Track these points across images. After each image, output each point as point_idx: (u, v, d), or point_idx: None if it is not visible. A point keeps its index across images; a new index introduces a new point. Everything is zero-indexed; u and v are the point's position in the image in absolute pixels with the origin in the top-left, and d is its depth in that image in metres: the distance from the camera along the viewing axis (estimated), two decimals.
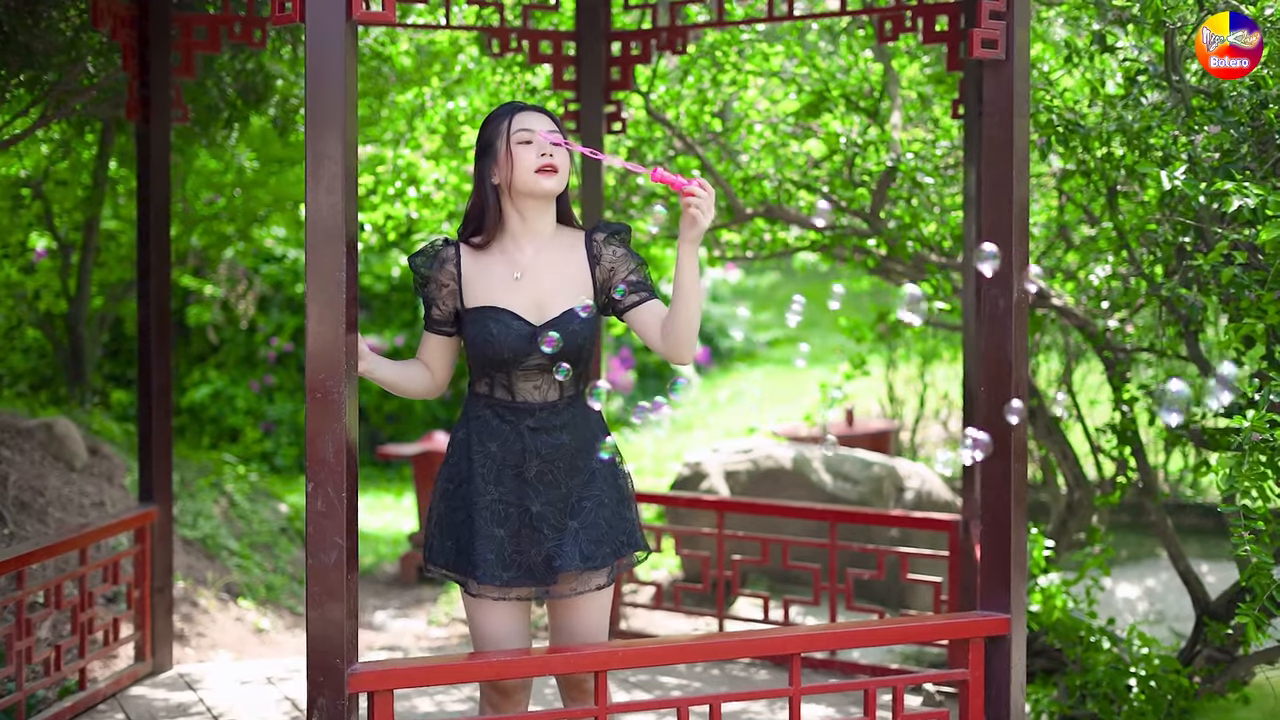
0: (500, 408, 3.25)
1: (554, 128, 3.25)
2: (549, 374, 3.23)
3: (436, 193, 6.29)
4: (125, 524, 4.77)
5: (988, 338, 3.46)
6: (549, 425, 3.23)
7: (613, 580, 3.27)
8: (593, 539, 3.20)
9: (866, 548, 5.08)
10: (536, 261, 3.26)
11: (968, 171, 4.72)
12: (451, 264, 3.27)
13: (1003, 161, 3.42)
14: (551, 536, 3.20)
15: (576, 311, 3.21)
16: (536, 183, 3.20)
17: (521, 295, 3.23)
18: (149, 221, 4.91)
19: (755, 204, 5.74)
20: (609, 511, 3.25)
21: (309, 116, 2.90)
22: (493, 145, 3.24)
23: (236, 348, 11.10)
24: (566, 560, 3.17)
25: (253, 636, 6.26)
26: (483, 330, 3.20)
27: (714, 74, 6.02)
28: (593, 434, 3.28)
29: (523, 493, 3.22)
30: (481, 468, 3.24)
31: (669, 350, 3.19)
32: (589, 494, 3.23)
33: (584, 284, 3.26)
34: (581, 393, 3.29)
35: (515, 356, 3.19)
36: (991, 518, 3.47)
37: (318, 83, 2.89)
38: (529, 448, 3.21)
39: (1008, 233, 3.42)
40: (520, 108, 3.26)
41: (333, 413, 2.90)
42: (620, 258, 3.28)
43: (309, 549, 2.94)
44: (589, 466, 3.25)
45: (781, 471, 6.79)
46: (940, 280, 5.51)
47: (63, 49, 5.16)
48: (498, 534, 3.20)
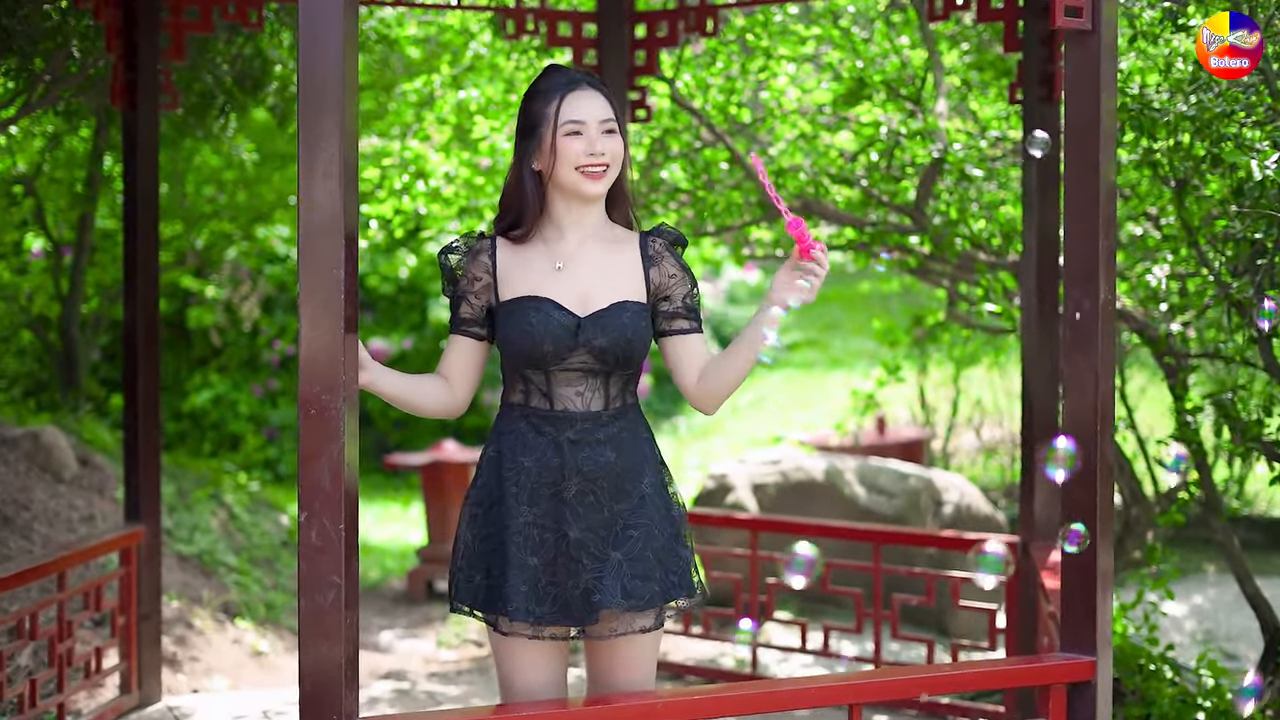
0: (537, 418, 2.83)
1: (610, 115, 2.83)
2: (593, 377, 2.82)
3: (446, 187, 5.89)
4: (108, 545, 4.39)
5: (1070, 345, 3.06)
6: (592, 438, 2.81)
7: (661, 624, 2.84)
8: (638, 574, 2.78)
9: (914, 571, 4.68)
10: (581, 252, 2.86)
11: (1027, 162, 4.31)
12: (486, 255, 2.87)
13: (1089, 143, 3.02)
14: (591, 567, 2.78)
15: (627, 305, 2.81)
16: (579, 184, 2.80)
17: (564, 286, 2.83)
18: (136, 215, 4.52)
19: (789, 199, 5.34)
20: (659, 545, 2.82)
21: (302, 92, 2.51)
22: (536, 129, 2.82)
23: (239, 351, 10.73)
24: (607, 596, 2.75)
25: (250, 660, 5.87)
26: (521, 321, 2.79)
27: (743, 61, 5.62)
28: (642, 454, 2.86)
29: (560, 515, 2.80)
30: (514, 486, 2.82)
31: (701, 396, 2.86)
32: (636, 522, 2.81)
33: (635, 282, 2.86)
34: (630, 405, 2.89)
35: (556, 351, 2.78)
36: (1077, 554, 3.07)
37: (312, 51, 2.50)
38: (568, 463, 2.80)
39: (1093, 223, 3.03)
40: (574, 84, 2.83)
41: (330, 431, 2.51)
42: (679, 271, 2.89)
43: (302, 587, 2.55)
44: (638, 490, 2.83)
45: (812, 484, 6.39)
46: (990, 281, 5.11)
47: (48, 34, 4.80)
48: (531, 563, 2.79)
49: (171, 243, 9.01)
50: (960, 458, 8.70)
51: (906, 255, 5.51)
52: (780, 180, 5.40)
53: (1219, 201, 4.72)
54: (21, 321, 8.18)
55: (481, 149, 5.91)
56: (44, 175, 7.45)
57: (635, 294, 2.85)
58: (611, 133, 2.82)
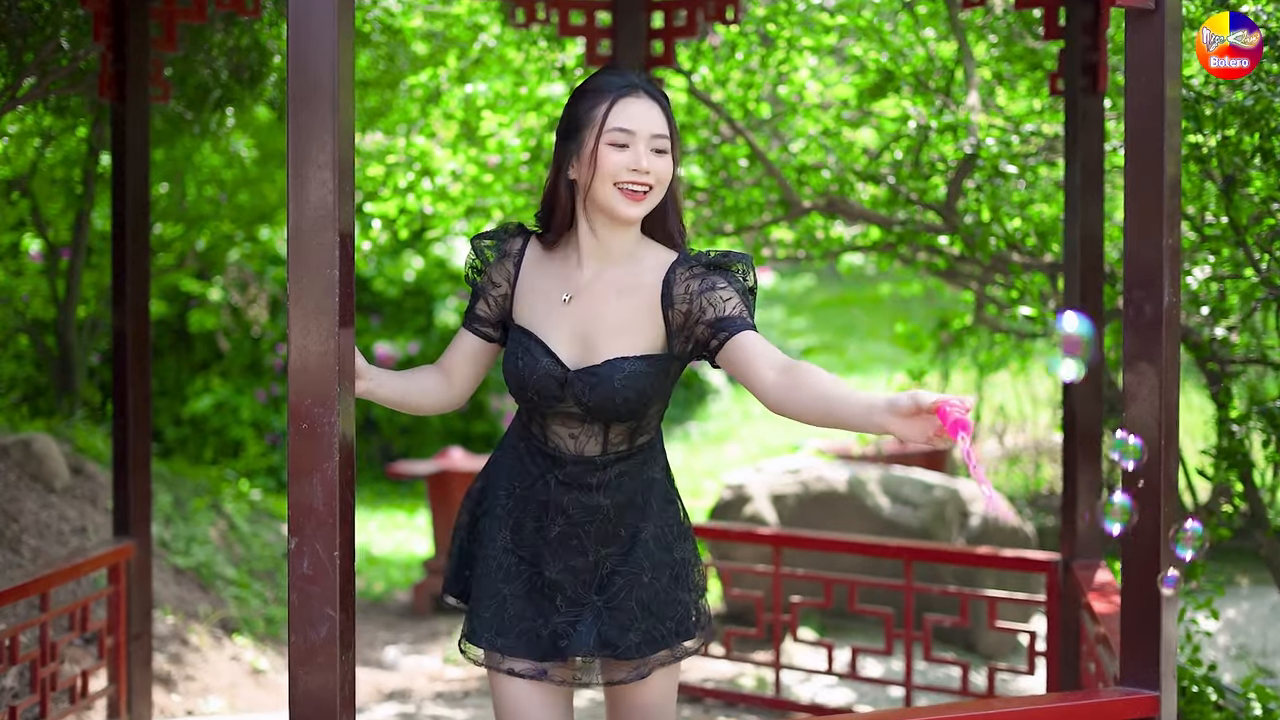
0: (533, 446, 2.60)
1: (664, 132, 2.50)
2: (589, 424, 2.53)
3: (453, 185, 5.64)
4: (95, 562, 4.14)
5: (1132, 352, 2.81)
6: (582, 482, 2.55)
7: (643, 676, 2.56)
8: (619, 623, 2.52)
9: (948, 590, 4.42)
10: (595, 286, 2.54)
11: (1071, 157, 4.06)
12: (512, 261, 2.60)
13: (1151, 133, 2.77)
14: (565, 611, 2.55)
15: (623, 362, 2.48)
16: (615, 204, 2.48)
17: (565, 325, 2.54)
18: (125, 213, 4.26)
19: (814, 196, 5.08)
20: (649, 592, 2.54)
21: (291, 67, 2.26)
22: (579, 133, 2.50)
23: (242, 355, 10.49)
24: (578, 642, 2.51)
25: (249, 679, 5.62)
26: (511, 359, 2.56)
27: (763, 53, 5.36)
28: (643, 498, 2.58)
29: (538, 552, 2.57)
30: (500, 507, 2.61)
31: (781, 401, 2.37)
32: (624, 568, 2.55)
33: (648, 329, 2.52)
34: (639, 446, 2.59)
35: (542, 399, 2.53)
36: (1137, 573, 2.82)
37: (302, 19, 2.25)
38: (555, 502, 2.55)
39: (1156, 220, 2.78)
40: (630, 88, 2.49)
41: (322, 448, 2.26)
42: (696, 294, 2.48)
43: (292, 621, 2.30)
44: (631, 535, 2.56)
45: (834, 495, 6.13)
46: (1025, 283, 4.85)
47: (37, 25, 4.56)
48: (502, 591, 2.57)
49: (172, 244, 8.79)
50: (983, 466, 8.42)
51: (935, 256, 5.25)
52: (803, 178, 5.15)
53: (1261, 200, 4.47)
54: (17, 325, 7.95)
55: (490, 145, 5.65)
56: (40, 175, 7.22)
57: (645, 344, 2.51)
58: (662, 152, 2.50)
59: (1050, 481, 8.18)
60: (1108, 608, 3.57)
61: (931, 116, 4.83)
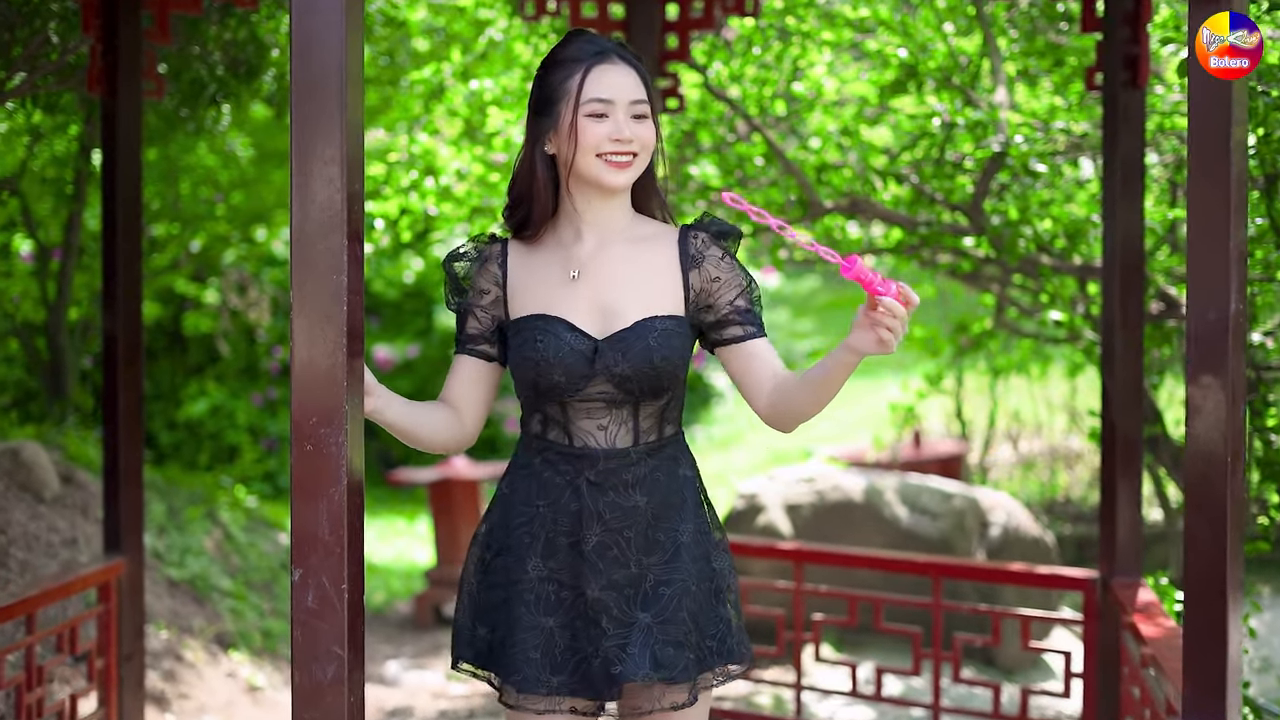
0: (554, 454, 2.39)
1: (643, 96, 2.38)
2: (618, 408, 2.36)
3: (458, 184, 5.43)
4: (84, 581, 3.93)
5: (1196, 364, 2.61)
6: (617, 480, 2.36)
7: (695, 700, 2.37)
8: (671, 639, 2.32)
9: (978, 608, 4.22)
10: (602, 256, 2.40)
11: (1110, 154, 3.86)
12: (495, 264, 2.43)
13: (1217, 125, 2.58)
14: (614, 632, 2.33)
15: (652, 322, 2.34)
16: (600, 173, 2.35)
17: (579, 300, 2.38)
18: (116, 212, 4.05)
19: (835, 196, 4.88)
20: (696, 604, 2.36)
21: (295, 54, 2.06)
22: (554, 105, 2.36)
23: (237, 358, 10.29)
24: (631, 667, 2.30)
25: (245, 696, 5.42)
26: (527, 346, 2.35)
27: (778, 50, 5.17)
28: (680, 496, 2.41)
29: (578, 570, 2.36)
30: (525, 534, 2.38)
31: (774, 417, 2.39)
32: (670, 577, 2.35)
33: (670, 289, 2.39)
34: (668, 438, 2.43)
35: (569, 381, 2.33)
36: (1200, 598, 2.62)
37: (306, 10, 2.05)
38: (588, 510, 2.35)
39: (1222, 219, 2.58)
40: (603, 54, 2.37)
41: (329, 471, 2.07)
42: (728, 269, 2.41)
43: (296, 660, 2.10)
44: (672, 540, 2.37)
45: (850, 505, 5.93)
46: (1055, 286, 4.66)
47: (25, 18, 4.36)
48: (546, 624, 2.35)
49: (167, 246, 8.59)
50: (997, 472, 8.24)
51: (960, 259, 5.05)
52: (823, 177, 4.95)
53: None
54: (7, 328, 7.75)
55: (496, 143, 5.45)
56: (30, 174, 7.03)
57: (669, 305, 2.39)
58: (643, 118, 2.37)
59: (1066, 488, 7.99)
60: (1155, 630, 3.38)
61: (956, 113, 4.63)
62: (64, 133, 6.63)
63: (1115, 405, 3.90)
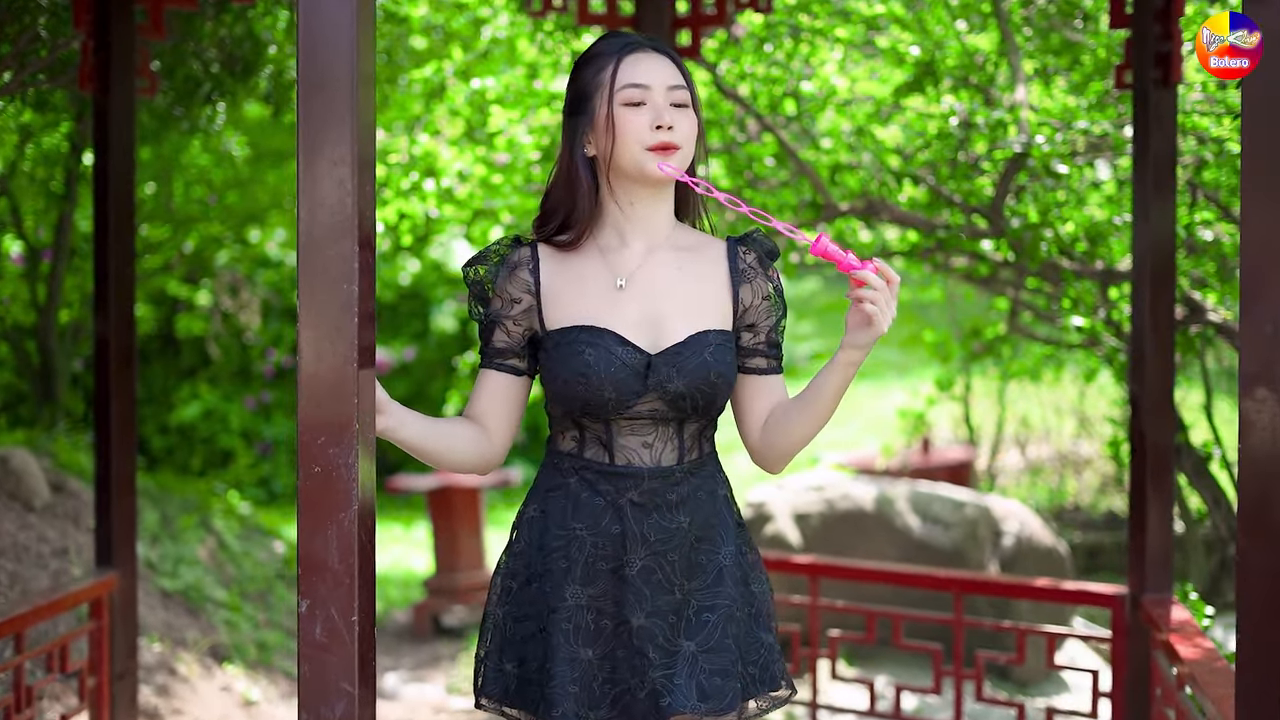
0: (592, 473, 2.25)
1: (681, 83, 2.25)
2: (665, 425, 2.23)
3: (460, 186, 5.29)
4: (75, 598, 3.78)
5: (1250, 377, 2.48)
6: (661, 500, 2.23)
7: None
8: (717, 668, 2.20)
9: (1002, 625, 4.09)
10: (650, 265, 2.26)
11: (1141, 155, 3.72)
12: (526, 270, 2.27)
13: (1274, 135, 2.44)
14: (660, 662, 2.19)
15: (707, 336, 2.22)
16: (644, 165, 2.21)
17: (627, 311, 2.23)
18: (108, 212, 3.91)
19: (851, 198, 4.74)
20: (740, 629, 2.24)
21: (302, 46, 1.91)
22: (589, 101, 2.24)
23: (230, 361, 10.13)
24: (679, 698, 2.17)
25: (240, 711, 5.27)
26: (574, 360, 2.20)
27: (790, 46, 5.02)
28: (720, 517, 2.29)
29: (621, 597, 2.22)
30: (562, 559, 2.24)
31: (764, 450, 2.31)
32: (714, 603, 2.23)
33: (719, 303, 2.27)
34: (707, 455, 2.30)
35: (620, 398, 2.19)
36: (1256, 626, 2.48)
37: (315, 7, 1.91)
38: (632, 532, 2.22)
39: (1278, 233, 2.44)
40: (630, 45, 2.25)
41: (338, 495, 1.92)
42: (772, 296, 2.31)
43: (303, 697, 1.96)
44: (714, 563, 2.25)
45: (861, 514, 5.79)
46: (1078, 290, 4.52)
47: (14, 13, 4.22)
48: (585, 655, 2.21)
49: (159, 247, 8.43)
50: (1005, 478, 8.11)
51: (976, 262, 4.92)
52: (837, 178, 4.81)
53: None
54: None
55: (498, 144, 5.30)
56: (20, 173, 6.87)
57: (718, 319, 2.27)
58: (683, 106, 2.24)
59: (1075, 495, 7.86)
60: (1193, 650, 3.24)
61: (975, 113, 4.49)
62: (54, 131, 6.48)
63: (1145, 414, 3.76)
